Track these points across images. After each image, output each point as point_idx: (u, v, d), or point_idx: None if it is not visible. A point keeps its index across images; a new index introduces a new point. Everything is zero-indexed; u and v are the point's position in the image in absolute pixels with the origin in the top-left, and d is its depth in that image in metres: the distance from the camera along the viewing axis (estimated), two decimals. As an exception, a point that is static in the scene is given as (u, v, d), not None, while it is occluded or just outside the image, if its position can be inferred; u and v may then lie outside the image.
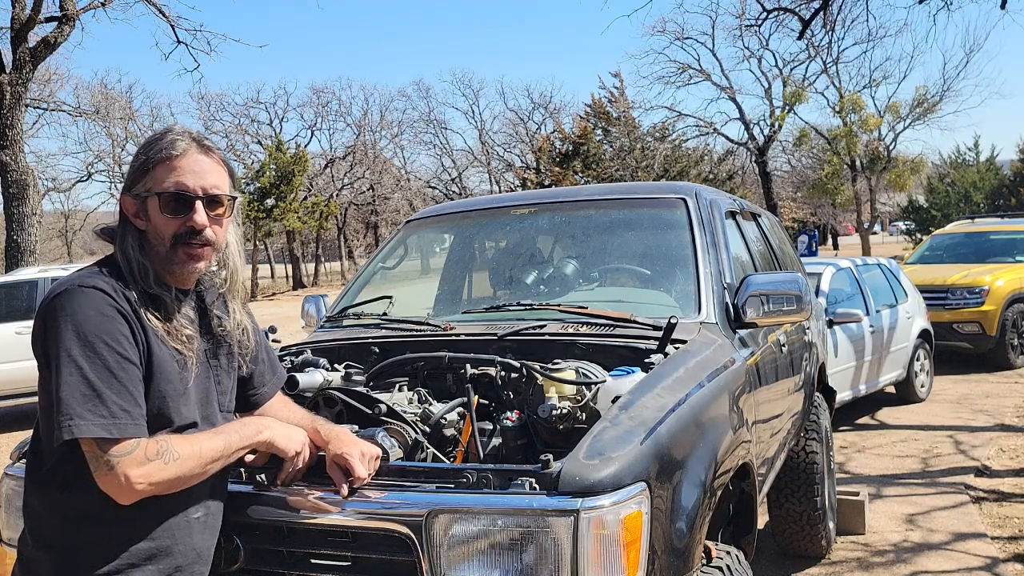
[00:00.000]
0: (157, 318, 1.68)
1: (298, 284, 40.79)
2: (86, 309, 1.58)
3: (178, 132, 1.75)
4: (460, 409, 2.36)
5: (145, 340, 1.63)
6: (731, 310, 2.91)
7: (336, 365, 2.61)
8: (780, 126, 31.77)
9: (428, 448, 2.20)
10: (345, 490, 1.84)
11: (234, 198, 1.80)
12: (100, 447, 1.54)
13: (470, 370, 2.46)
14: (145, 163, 1.72)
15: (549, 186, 32.22)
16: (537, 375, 2.37)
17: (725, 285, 3.00)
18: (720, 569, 2.15)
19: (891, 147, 31.42)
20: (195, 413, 1.73)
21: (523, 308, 2.95)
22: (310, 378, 2.45)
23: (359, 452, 1.88)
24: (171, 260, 1.72)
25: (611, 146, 33.73)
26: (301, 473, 1.92)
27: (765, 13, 15.22)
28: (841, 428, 7.55)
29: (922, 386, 8.68)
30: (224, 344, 1.85)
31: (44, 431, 1.65)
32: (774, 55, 35.85)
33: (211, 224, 1.74)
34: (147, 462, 1.56)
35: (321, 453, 1.94)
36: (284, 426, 1.90)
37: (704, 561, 2.13)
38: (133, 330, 1.62)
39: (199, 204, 1.71)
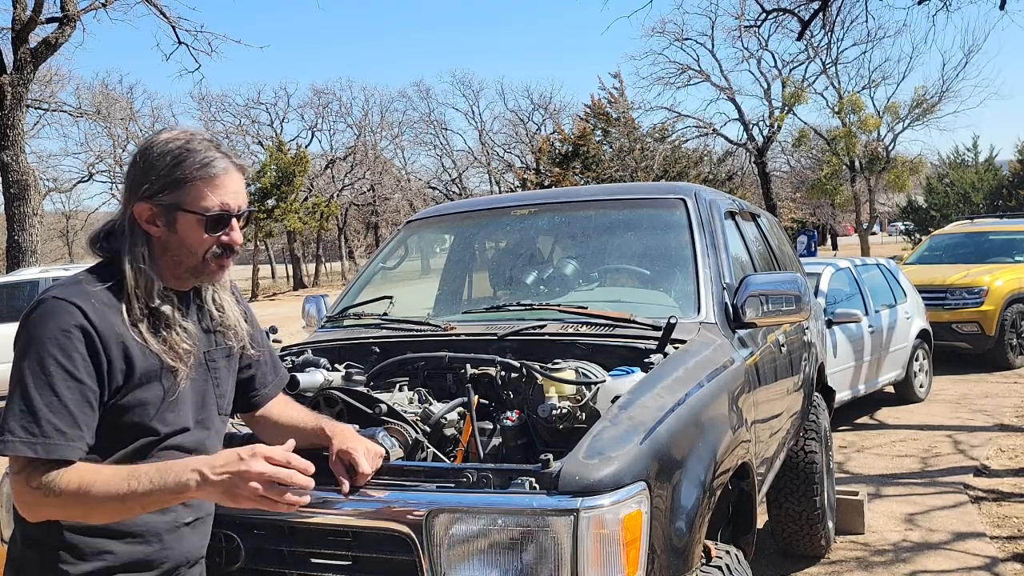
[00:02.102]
0: (151, 332, 1.64)
1: (299, 284, 40.82)
2: (48, 323, 1.55)
3: (204, 144, 1.69)
4: (460, 409, 2.37)
5: (124, 355, 1.59)
6: (730, 310, 2.92)
7: (337, 365, 2.61)
8: (779, 127, 31.73)
9: (428, 448, 2.20)
10: (347, 486, 1.85)
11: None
12: (22, 464, 1.52)
13: (470, 370, 2.47)
14: (182, 178, 1.65)
15: (549, 187, 32.23)
16: (537, 375, 2.38)
17: (724, 285, 3.01)
18: (719, 568, 2.15)
19: (890, 147, 31.34)
20: (187, 418, 1.70)
21: (523, 308, 2.96)
22: (311, 378, 2.45)
23: (364, 449, 1.89)
24: (201, 271, 1.71)
25: (611, 147, 33.73)
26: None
27: (764, 14, 15.25)
28: (840, 428, 7.56)
29: (921, 386, 8.68)
30: (224, 346, 1.82)
31: None
32: (773, 56, 35.70)
33: None
34: (30, 491, 1.51)
35: (325, 453, 1.94)
36: (233, 477, 1.50)
37: (703, 560, 2.14)
38: (96, 348, 1.56)
39: (234, 222, 1.71)
